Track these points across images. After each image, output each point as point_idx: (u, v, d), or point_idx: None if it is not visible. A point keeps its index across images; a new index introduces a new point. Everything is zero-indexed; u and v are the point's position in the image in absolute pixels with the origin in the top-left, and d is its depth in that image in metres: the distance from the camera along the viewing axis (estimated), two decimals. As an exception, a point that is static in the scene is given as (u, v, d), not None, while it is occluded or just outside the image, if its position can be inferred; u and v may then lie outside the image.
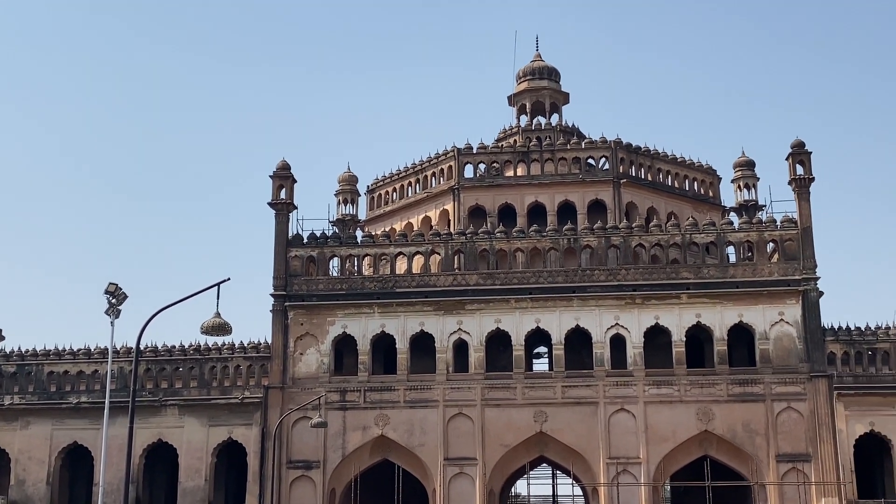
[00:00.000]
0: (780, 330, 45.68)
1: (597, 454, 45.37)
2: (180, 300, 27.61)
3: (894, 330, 46.04)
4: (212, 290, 26.90)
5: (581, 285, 47.10)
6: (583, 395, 46.14)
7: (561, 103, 62.77)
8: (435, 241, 49.11)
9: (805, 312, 45.61)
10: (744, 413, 45.06)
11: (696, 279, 46.53)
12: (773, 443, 44.49)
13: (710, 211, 56.27)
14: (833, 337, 45.74)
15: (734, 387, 45.39)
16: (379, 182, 61.59)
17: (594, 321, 46.70)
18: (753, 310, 45.95)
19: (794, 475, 43.95)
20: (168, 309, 27.00)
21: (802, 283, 45.86)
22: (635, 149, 56.06)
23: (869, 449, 45.50)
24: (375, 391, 47.50)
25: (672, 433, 45.26)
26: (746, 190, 57.39)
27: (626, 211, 53.92)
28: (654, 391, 45.68)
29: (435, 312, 47.77)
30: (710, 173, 58.74)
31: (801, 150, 47.53)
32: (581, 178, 54.88)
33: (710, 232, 47.77)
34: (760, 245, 47.15)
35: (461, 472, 46.06)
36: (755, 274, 46.41)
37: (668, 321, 46.28)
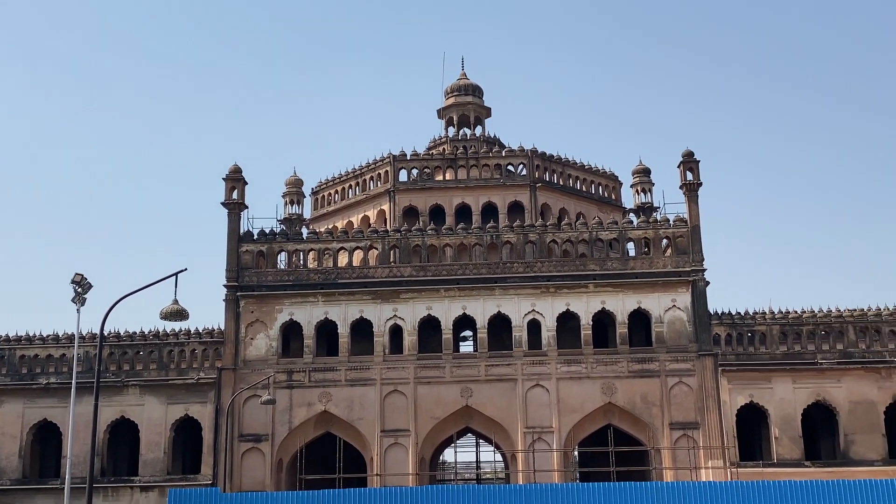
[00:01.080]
0: (672, 315, 46.13)
1: (515, 425, 45.40)
2: (141, 288, 26.94)
3: (770, 315, 46.84)
4: (170, 279, 26.29)
5: (502, 276, 47.09)
6: (503, 372, 46.12)
7: (484, 116, 62.71)
8: (373, 238, 48.66)
9: (694, 299, 46.13)
10: (642, 387, 45.43)
11: (601, 271, 46.81)
12: (667, 413, 44.91)
13: (612, 211, 56.70)
14: (718, 321, 46.30)
15: (634, 364, 45.73)
16: (323, 185, 60.86)
17: (514, 308, 46.71)
18: (650, 297, 46.34)
19: (685, 441, 44.43)
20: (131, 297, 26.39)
21: (692, 274, 46.39)
22: (549, 157, 56.29)
23: (748, 418, 46.20)
24: (319, 371, 46.88)
25: (580, 405, 45.46)
26: (643, 193, 58.02)
27: (541, 211, 54.09)
28: (565, 369, 45.85)
29: (373, 301, 47.31)
30: (612, 179, 59.15)
31: (691, 159, 48.09)
32: (502, 182, 54.94)
33: (613, 230, 48.15)
34: (656, 241, 47.56)
35: (396, 442, 45.71)
36: (652, 266, 46.83)
37: (577, 307, 46.46)
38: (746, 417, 45.95)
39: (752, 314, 46.83)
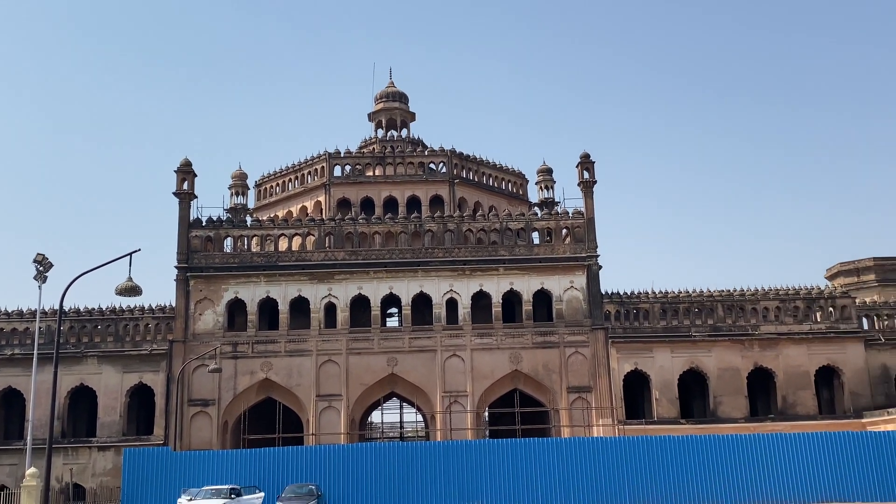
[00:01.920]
0: (570, 294, 47.10)
1: (435, 390, 45.88)
2: (98, 266, 26.53)
3: (653, 295, 48.15)
4: (125, 259, 25.84)
5: (424, 260, 47.39)
6: (425, 344, 46.53)
7: (409, 121, 62.83)
8: (310, 226, 48.47)
9: (589, 281, 47.21)
10: (544, 356, 46.34)
11: (510, 256, 47.52)
12: (565, 378, 45.88)
13: (520, 205, 57.56)
14: (609, 299, 47.46)
15: (537, 337, 46.59)
16: (265, 178, 60.21)
17: (434, 288, 47.08)
18: (552, 279, 47.23)
19: (580, 402, 45.53)
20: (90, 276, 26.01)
21: (587, 260, 47.47)
22: (466, 157, 56.75)
23: (634, 382, 47.56)
24: (261, 343, 46.60)
25: (491, 372, 46.18)
26: (546, 190, 58.83)
27: (458, 204, 54.55)
28: (478, 341, 46.42)
29: (310, 281, 47.16)
30: (520, 176, 59.99)
31: (587, 160, 49.12)
32: (425, 178, 55.23)
33: (521, 221, 48.89)
34: (557, 231, 48.48)
35: (329, 405, 45.77)
36: (553, 252, 47.73)
37: (489, 288, 47.09)
38: (632, 382, 47.29)
39: (638, 294, 48.07)
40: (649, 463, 33.69)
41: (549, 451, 34.19)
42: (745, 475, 33.26)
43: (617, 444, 34.81)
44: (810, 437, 34.36)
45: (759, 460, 33.52)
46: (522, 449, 34.34)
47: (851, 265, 55.81)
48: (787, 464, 33.47)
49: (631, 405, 47.58)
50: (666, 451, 33.97)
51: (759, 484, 33.13)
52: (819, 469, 33.31)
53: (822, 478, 33.17)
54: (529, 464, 33.83)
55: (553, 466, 33.77)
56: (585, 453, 34.07)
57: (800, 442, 33.95)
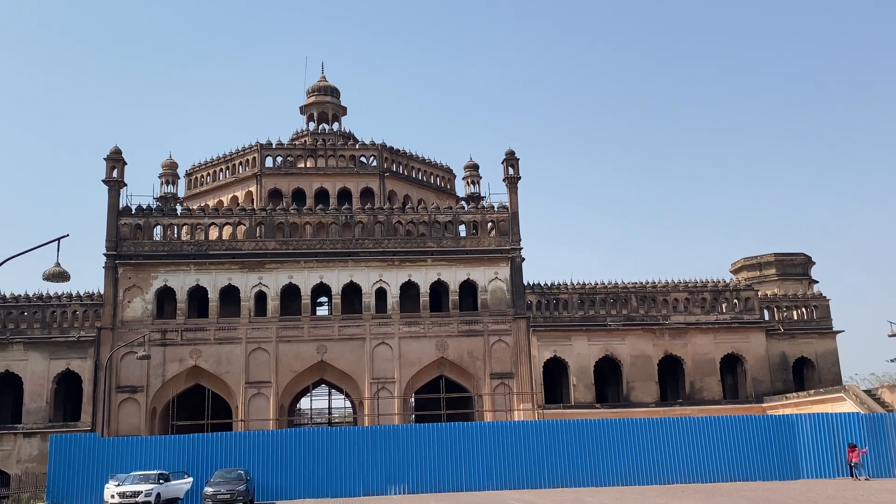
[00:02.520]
0: (495, 285, 47.59)
1: (363, 376, 45.81)
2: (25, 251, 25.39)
3: (571, 286, 48.99)
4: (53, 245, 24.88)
5: (355, 251, 47.19)
6: (354, 332, 46.37)
7: (340, 114, 62.34)
8: (241, 215, 47.73)
9: (512, 272, 47.73)
10: (469, 344, 46.72)
11: (438, 248, 47.72)
12: (489, 365, 46.37)
13: (448, 199, 57.75)
14: (531, 290, 48.14)
15: (463, 325, 46.93)
16: (196, 167, 58.90)
17: (364, 278, 46.93)
18: (478, 270, 47.63)
19: (502, 388, 46.09)
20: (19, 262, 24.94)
21: (511, 252, 48.00)
22: (396, 151, 56.63)
23: (553, 369, 48.40)
24: (191, 331, 45.72)
25: (418, 359, 46.34)
26: (473, 185, 59.22)
27: (388, 196, 54.41)
28: (406, 329, 46.50)
29: (240, 270, 46.48)
30: (448, 171, 60.12)
31: (512, 157, 49.64)
32: (356, 171, 54.87)
33: (448, 214, 49.10)
34: (483, 224, 48.88)
35: (259, 392, 45.25)
36: (479, 245, 48.15)
37: (417, 278, 47.20)
38: (551, 368, 48.12)
39: (558, 285, 48.82)
40: (567, 445, 34.28)
41: (472, 435, 34.42)
42: (656, 456, 34.18)
43: (536, 427, 35.26)
44: (715, 420, 35.51)
45: (668, 442, 34.47)
46: (447, 433, 34.53)
47: (754, 260, 57.82)
48: (695, 446, 34.51)
49: (550, 390, 48.37)
50: (582, 434, 34.57)
51: (669, 465, 34.08)
52: (724, 450, 34.49)
53: (727, 459, 34.34)
54: (454, 447, 34.03)
55: (476, 449, 34.05)
56: (507, 436, 34.43)
57: (706, 425, 35.03)
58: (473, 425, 35.83)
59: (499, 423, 37.24)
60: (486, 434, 34.58)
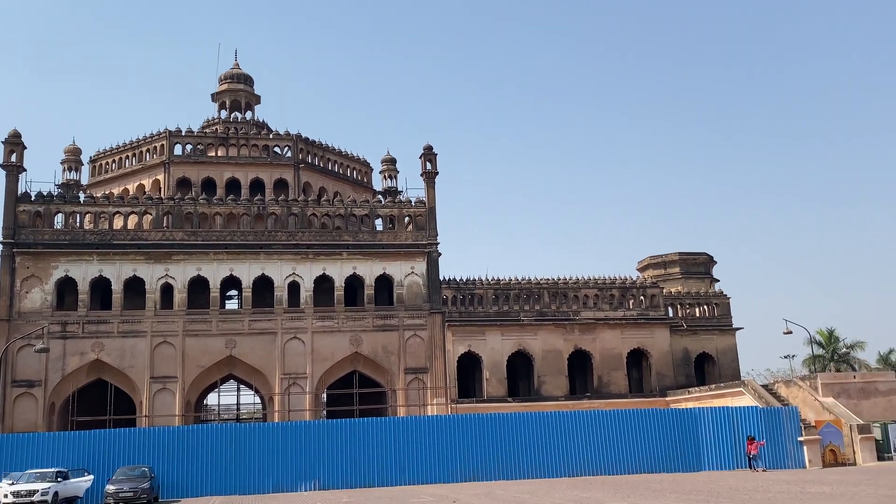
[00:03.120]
0: (411, 279, 47.45)
1: (274, 371, 45.00)
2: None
3: (486, 281, 49.39)
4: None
5: (267, 243, 46.30)
6: (265, 327, 45.49)
7: (254, 103, 60.92)
8: (148, 204, 46.12)
9: (429, 267, 47.72)
10: (384, 339, 46.43)
11: (354, 241, 47.27)
12: (403, 360, 46.23)
13: (365, 192, 57.17)
14: (447, 285, 48.27)
15: (378, 320, 46.61)
16: (101, 154, 56.47)
17: (276, 271, 46.08)
18: (394, 265, 47.37)
19: (416, 383, 46.07)
20: None
21: (428, 247, 47.96)
22: (311, 142, 55.76)
23: (467, 363, 48.66)
24: (93, 324, 43.88)
25: (331, 354, 45.81)
26: (390, 179, 58.94)
27: (303, 188, 53.59)
28: (320, 323, 45.92)
29: (146, 261, 44.89)
30: (365, 165, 59.55)
31: (430, 152, 49.60)
32: (269, 161, 53.78)
33: (365, 207, 48.69)
34: (400, 219, 48.65)
35: (164, 387, 43.86)
36: (395, 239, 47.90)
37: (332, 272, 46.63)
38: (465, 363, 48.39)
39: (473, 280, 49.13)
40: (479, 439, 34.70)
41: (385, 430, 34.47)
42: (566, 449, 34.93)
43: (449, 421, 35.56)
44: (622, 413, 36.55)
45: (577, 436, 35.27)
46: (359, 428, 34.45)
47: (660, 259, 59.65)
48: (603, 439, 35.43)
49: (463, 385, 48.65)
50: (494, 428, 35.09)
51: (578, 457, 34.87)
52: (630, 443, 35.51)
53: (633, 451, 35.37)
54: (366, 442, 33.99)
55: (389, 444, 34.10)
56: (420, 431, 34.60)
57: (613, 418, 35.99)
58: (386, 420, 35.84)
59: (412, 417, 37.44)
60: (399, 429, 34.65)
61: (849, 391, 40.19)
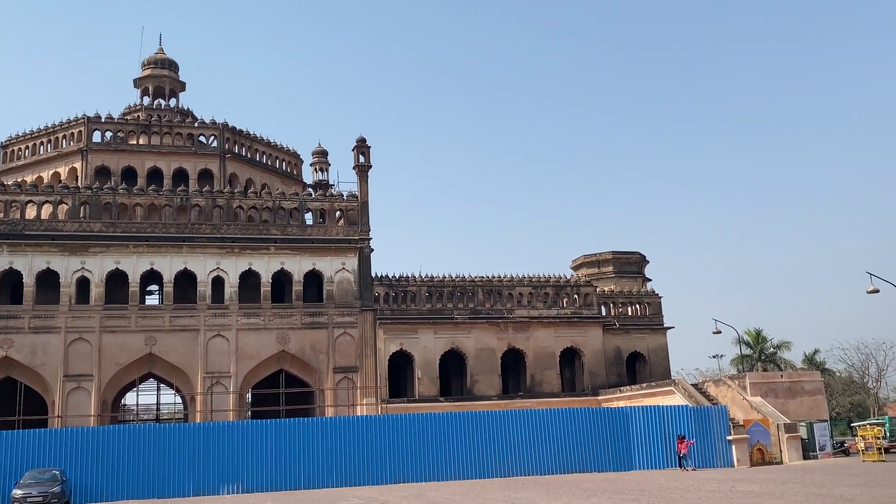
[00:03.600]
0: (342, 276, 46.88)
1: (196, 370, 43.86)
2: None
3: (420, 278, 49.14)
4: None
5: (190, 236, 45.08)
6: (187, 323, 44.28)
7: (178, 90, 59.26)
8: (63, 193, 44.34)
9: (360, 263, 47.21)
10: (312, 337, 45.75)
11: (282, 235, 46.43)
12: (332, 359, 45.61)
13: (294, 185, 56.27)
14: (379, 282, 47.85)
15: (306, 317, 45.89)
16: (13, 139, 54.04)
17: (200, 265, 44.92)
18: (324, 260, 46.69)
19: (345, 382, 45.52)
20: None
21: (360, 242, 47.46)
22: (239, 132, 54.55)
23: (398, 362, 48.34)
24: (2, 318, 42.06)
25: (257, 352, 44.92)
26: (321, 172, 58.14)
27: (229, 179, 52.42)
28: (245, 321, 44.98)
29: (61, 253, 43.15)
30: (295, 156, 58.61)
31: (363, 145, 49.04)
32: (194, 150, 52.42)
33: (295, 200, 47.94)
34: (331, 213, 48.02)
35: (79, 386, 42.23)
36: (326, 234, 47.23)
37: (259, 267, 45.73)
38: (397, 362, 48.07)
39: (406, 277, 48.83)
40: (410, 440, 34.48)
41: (312, 431, 33.99)
42: (498, 450, 34.95)
43: (379, 422, 35.23)
44: (554, 412, 36.73)
45: (510, 435, 35.34)
46: (285, 429, 33.87)
47: (593, 257, 60.40)
48: (535, 438, 35.56)
49: (395, 384, 48.33)
50: (426, 428, 34.92)
51: (511, 458, 34.92)
52: (562, 443, 35.72)
53: (565, 451, 35.58)
54: (293, 443, 33.47)
55: (317, 445, 33.63)
56: (349, 432, 34.21)
57: (545, 418, 36.17)
58: (313, 421, 35.29)
59: (340, 418, 36.94)
60: (327, 429, 34.20)
61: (776, 390, 41.31)
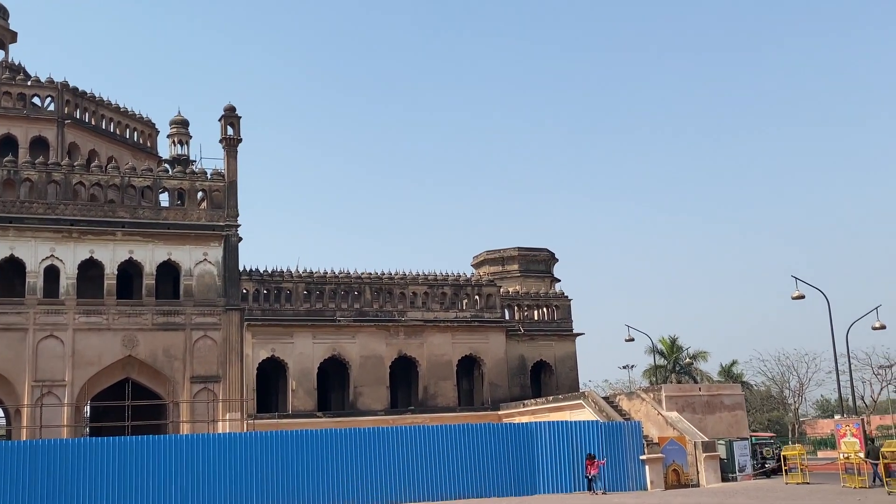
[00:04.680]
0: (203, 268, 45.41)
1: (23, 377, 41.40)
2: None
3: (297, 274, 48.05)
4: None
5: (19, 216, 42.54)
6: (13, 321, 41.79)
7: (8, 41, 55.70)
8: None
9: (226, 254, 45.85)
10: (165, 340, 44.15)
11: (131, 219, 44.58)
12: (189, 366, 44.14)
13: (147, 159, 53.68)
14: (248, 276, 46.59)
15: (159, 317, 44.26)
16: None
17: (30, 252, 42.49)
18: (182, 249, 45.13)
19: (205, 394, 43.99)
20: None
21: (225, 229, 46.08)
22: (81, 93, 51.68)
23: (269, 371, 47.14)
24: None
25: (98, 358, 42.90)
26: (181, 145, 56.11)
27: (68, 150, 49.77)
28: (84, 319, 42.87)
29: None
30: (149, 126, 56.19)
31: (233, 114, 47.63)
32: (25, 114, 49.49)
33: (148, 177, 45.99)
34: (192, 193, 46.43)
35: None
36: (185, 218, 45.68)
37: (102, 255, 43.69)
38: (267, 371, 46.87)
39: (281, 272, 47.69)
40: (280, 461, 33.20)
41: (161, 451, 32.22)
42: (384, 472, 33.94)
43: (244, 440, 33.85)
44: (450, 429, 36.10)
45: (399, 455, 34.41)
46: (129, 448, 32.01)
47: (497, 254, 60.44)
48: (427, 459, 34.74)
49: (264, 397, 47.18)
50: (299, 448, 33.71)
51: (398, 480, 33.93)
52: (458, 463, 34.98)
53: (461, 473, 34.84)
54: (139, 465, 31.69)
55: (166, 468, 31.90)
56: (206, 452, 32.67)
57: (439, 435, 35.44)
58: (164, 439, 33.48)
59: (197, 436, 35.25)
60: (180, 449, 32.55)
61: (694, 405, 42.04)
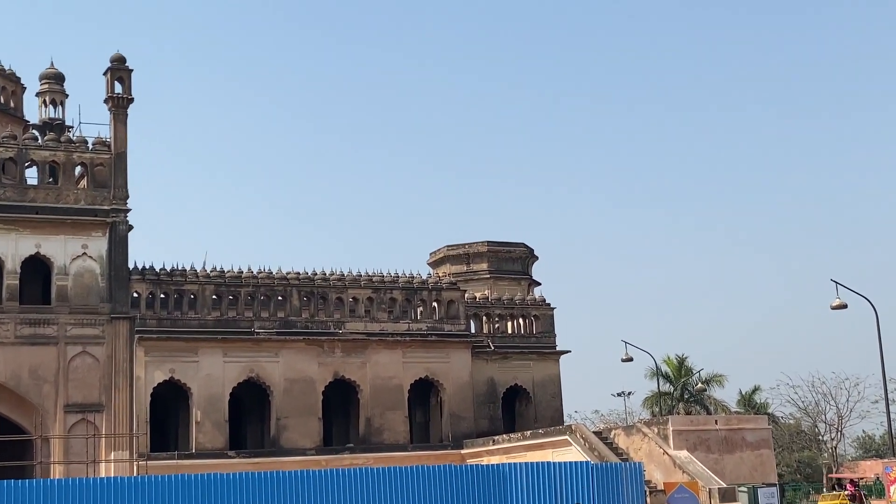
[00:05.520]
0: (82, 265, 45.24)
1: None
2: None
3: (204, 274, 47.46)
4: None
5: None
6: None
7: None
8: None
9: (112, 247, 45.64)
10: (32, 357, 44.01)
11: (-12, 201, 44.14)
12: (63, 391, 44.00)
13: (10, 123, 52.51)
14: (139, 276, 46.20)
15: (24, 327, 44.17)
16: None
17: None
18: (54, 240, 44.90)
19: (83, 427, 43.42)
20: None
21: (111, 214, 45.93)
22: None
23: (167, 398, 46.57)
24: None
25: (-57, 380, 41.89)
26: (53, 106, 54.74)
27: None
28: (-76, 330, 42.09)
29: None
30: (12, 80, 54.67)
31: (122, 66, 47.27)
32: None
33: (10, 147, 45.78)
34: (68, 168, 46.26)
35: None
36: (59, 200, 45.56)
37: (-52, 248, 43.08)
38: (165, 397, 46.28)
39: (183, 270, 47.27)
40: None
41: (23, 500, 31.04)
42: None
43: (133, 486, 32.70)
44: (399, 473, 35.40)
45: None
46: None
47: (461, 249, 59.67)
48: (368, 511, 34.21)
49: (161, 431, 46.85)
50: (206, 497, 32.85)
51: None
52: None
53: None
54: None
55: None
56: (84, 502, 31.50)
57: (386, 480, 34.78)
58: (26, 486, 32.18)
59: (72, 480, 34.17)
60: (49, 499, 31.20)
61: (708, 442, 41.73)
